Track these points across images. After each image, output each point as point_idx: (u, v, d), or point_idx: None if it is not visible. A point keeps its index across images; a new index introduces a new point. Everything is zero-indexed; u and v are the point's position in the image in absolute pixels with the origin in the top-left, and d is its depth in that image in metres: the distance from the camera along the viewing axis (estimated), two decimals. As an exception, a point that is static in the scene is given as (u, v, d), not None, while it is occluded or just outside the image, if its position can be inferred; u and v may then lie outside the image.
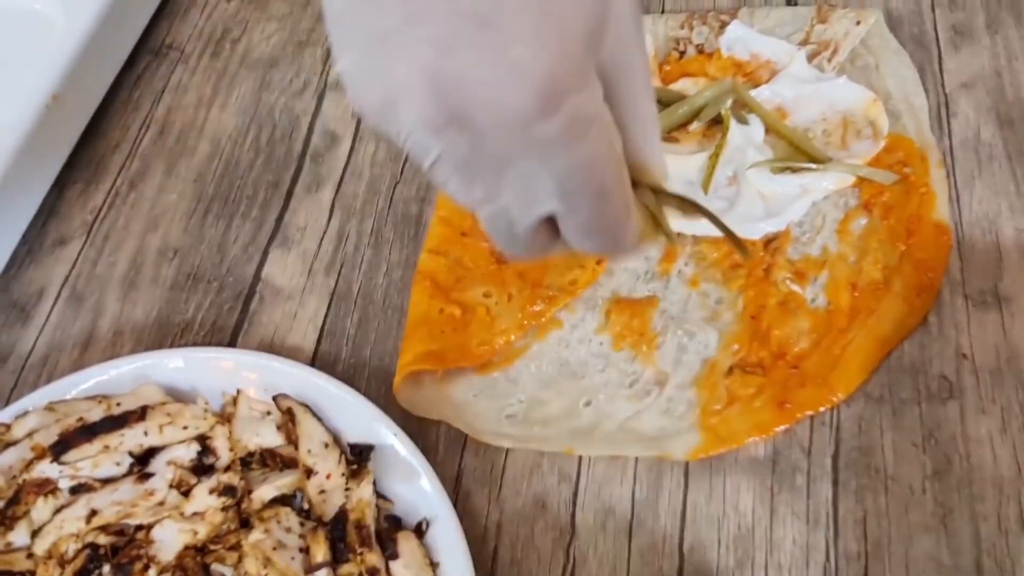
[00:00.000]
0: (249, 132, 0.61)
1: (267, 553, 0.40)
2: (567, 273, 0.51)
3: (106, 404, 0.46)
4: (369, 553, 0.41)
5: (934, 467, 0.45)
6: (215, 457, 0.45)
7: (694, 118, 0.55)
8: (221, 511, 0.42)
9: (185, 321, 0.53)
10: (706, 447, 0.46)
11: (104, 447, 0.44)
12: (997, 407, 0.46)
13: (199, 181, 0.59)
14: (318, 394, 0.46)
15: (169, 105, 0.63)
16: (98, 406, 0.46)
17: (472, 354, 0.49)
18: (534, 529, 0.45)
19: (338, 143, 0.60)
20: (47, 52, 0.58)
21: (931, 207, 0.52)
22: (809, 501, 0.44)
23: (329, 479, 0.44)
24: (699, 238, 0.52)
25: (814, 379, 0.47)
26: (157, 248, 0.56)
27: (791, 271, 0.50)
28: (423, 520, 0.43)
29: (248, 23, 0.67)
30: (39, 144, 0.56)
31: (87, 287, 0.55)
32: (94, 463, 0.44)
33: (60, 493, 0.43)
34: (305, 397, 0.46)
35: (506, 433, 0.47)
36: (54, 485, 0.43)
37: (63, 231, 0.57)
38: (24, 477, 0.43)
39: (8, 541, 0.42)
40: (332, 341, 0.52)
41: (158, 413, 0.45)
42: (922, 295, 0.49)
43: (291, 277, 0.54)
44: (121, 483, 0.43)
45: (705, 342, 0.49)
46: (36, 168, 0.57)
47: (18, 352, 0.53)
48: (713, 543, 0.44)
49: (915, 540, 0.43)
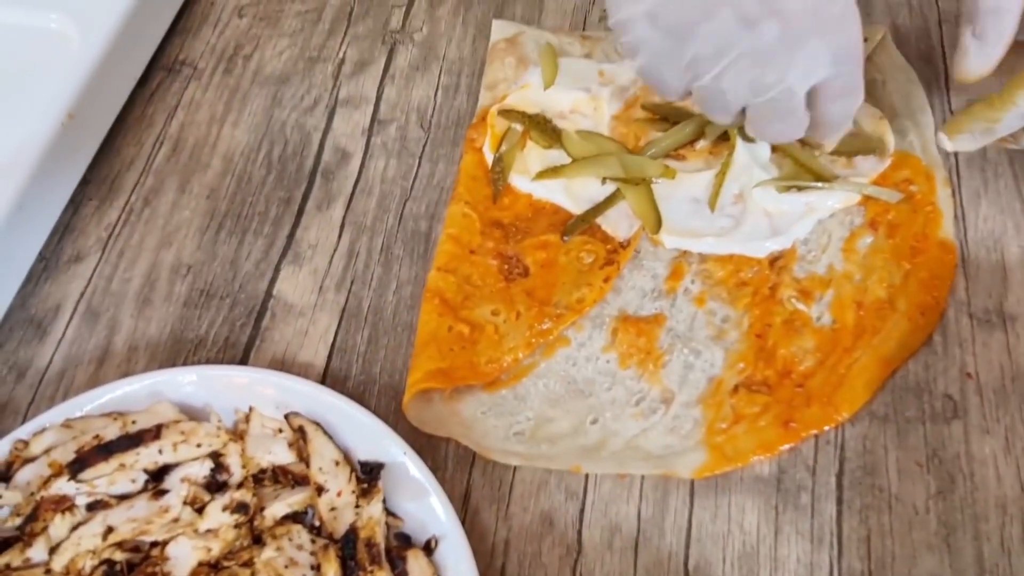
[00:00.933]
0: (261, 148, 0.62)
1: (279, 571, 0.41)
2: (574, 291, 0.51)
3: (122, 421, 0.46)
4: (379, 571, 0.42)
5: (938, 486, 0.45)
6: (228, 474, 0.46)
7: (700, 136, 0.56)
8: (234, 528, 0.43)
9: (198, 337, 0.54)
10: (711, 465, 0.46)
11: (120, 465, 0.45)
12: (1001, 427, 0.46)
13: (212, 198, 0.60)
14: (329, 412, 0.47)
15: (182, 122, 0.64)
16: (114, 423, 0.46)
17: (480, 372, 0.49)
18: (541, 546, 0.46)
19: (348, 160, 0.61)
20: (62, 70, 0.59)
21: (937, 225, 0.52)
22: (813, 520, 0.45)
23: (340, 496, 0.44)
24: (706, 256, 0.53)
25: (819, 398, 0.47)
26: (171, 264, 0.57)
27: (796, 290, 0.51)
28: (432, 538, 0.44)
29: (260, 39, 0.67)
30: (55, 162, 0.57)
31: (102, 303, 0.56)
32: (110, 480, 0.44)
33: (77, 510, 0.44)
34: (316, 415, 0.47)
35: (514, 451, 0.48)
36: (71, 502, 0.44)
37: (79, 247, 0.58)
38: (42, 494, 0.44)
39: (27, 557, 0.43)
40: (343, 358, 0.52)
41: (172, 431, 0.46)
42: (927, 314, 0.49)
43: (302, 294, 0.55)
44: (136, 500, 0.44)
45: (711, 360, 0.49)
46: (52, 185, 0.57)
47: (35, 367, 0.54)
48: (718, 561, 0.44)
49: (918, 559, 0.43)
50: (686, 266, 0.53)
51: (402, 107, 0.63)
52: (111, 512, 0.44)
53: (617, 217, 0.54)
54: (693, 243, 0.53)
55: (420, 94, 0.63)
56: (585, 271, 0.52)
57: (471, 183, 0.56)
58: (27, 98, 0.60)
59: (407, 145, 0.61)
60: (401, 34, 0.66)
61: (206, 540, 0.43)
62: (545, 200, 0.55)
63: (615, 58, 0.61)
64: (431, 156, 0.60)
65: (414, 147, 0.61)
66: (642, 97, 0.58)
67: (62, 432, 0.46)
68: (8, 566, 0.42)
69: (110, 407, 0.48)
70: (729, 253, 0.52)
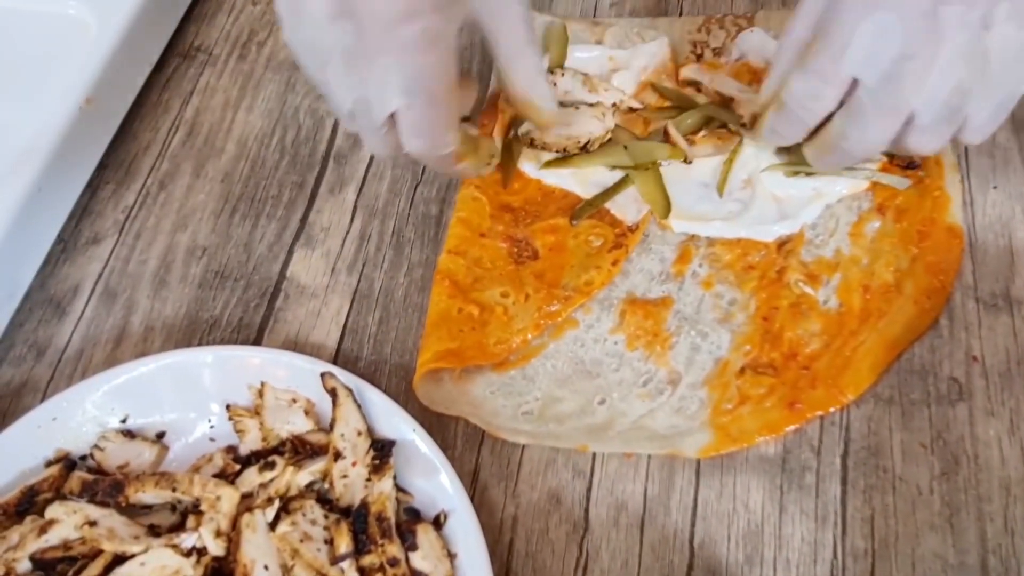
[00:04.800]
0: (275, 133, 0.63)
1: (295, 545, 0.42)
2: (583, 274, 0.52)
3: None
4: (389, 544, 0.43)
5: (942, 468, 0.45)
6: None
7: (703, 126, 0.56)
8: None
9: (213, 318, 0.55)
10: (717, 445, 0.47)
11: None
12: (1006, 409, 0.47)
13: (226, 181, 0.61)
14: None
15: (197, 107, 0.65)
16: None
17: (490, 352, 0.50)
18: (549, 523, 0.46)
19: (360, 145, 0.61)
20: (80, 56, 0.60)
21: (945, 210, 0.52)
22: (818, 499, 0.45)
23: (354, 467, 0.45)
24: (714, 240, 0.53)
25: (824, 380, 0.48)
26: (186, 247, 0.58)
27: (804, 273, 0.51)
28: (441, 513, 0.44)
29: (274, 25, 0.68)
30: (73, 146, 0.58)
31: (119, 284, 0.57)
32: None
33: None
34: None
35: (522, 430, 0.48)
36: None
37: (96, 230, 0.59)
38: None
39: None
40: (354, 339, 0.53)
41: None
42: (933, 298, 0.50)
43: (315, 276, 0.56)
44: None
45: (718, 343, 0.50)
46: (70, 169, 0.59)
47: (55, 346, 0.55)
48: (723, 539, 0.45)
49: (922, 539, 0.44)
50: (694, 249, 0.53)
51: (414, 93, 0.63)
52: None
53: (625, 201, 0.55)
54: (701, 227, 0.53)
55: (432, 80, 0.64)
56: (594, 254, 0.53)
57: (481, 167, 0.57)
58: (46, 83, 0.61)
59: (418, 130, 0.61)
60: (413, 20, 0.67)
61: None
62: (555, 185, 0.56)
63: (627, 44, 0.61)
64: (442, 141, 0.60)
65: (425, 132, 0.61)
66: (654, 79, 0.58)
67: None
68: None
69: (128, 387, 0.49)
70: (737, 237, 0.53)
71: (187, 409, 0.49)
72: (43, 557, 0.43)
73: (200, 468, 0.47)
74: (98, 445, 0.48)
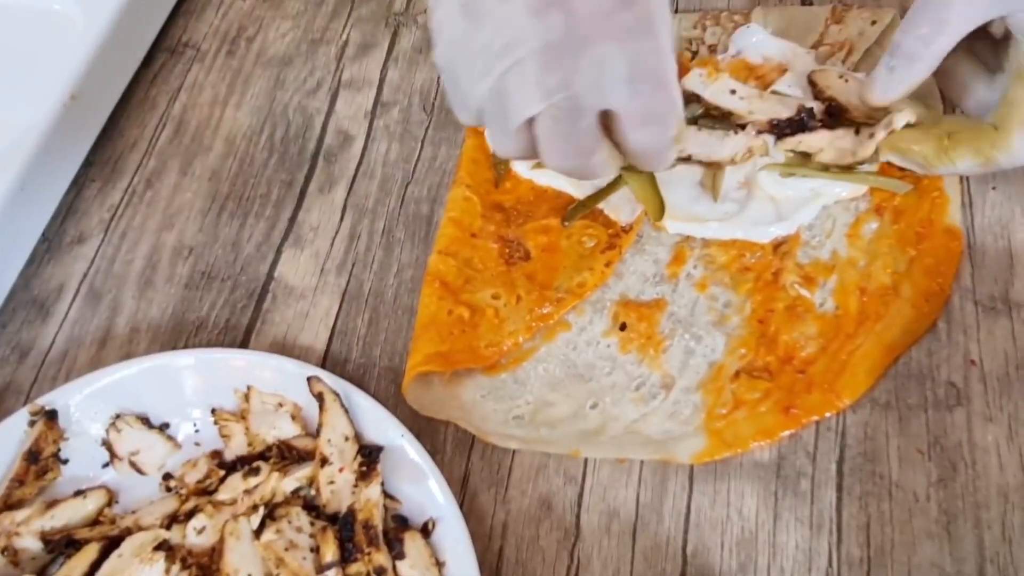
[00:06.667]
0: (263, 131, 0.62)
1: (280, 553, 0.41)
2: (576, 276, 0.51)
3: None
4: (376, 553, 0.42)
5: (939, 474, 0.45)
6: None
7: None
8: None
9: (200, 319, 0.54)
10: (711, 451, 0.46)
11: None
12: (1004, 415, 0.46)
13: (214, 180, 0.60)
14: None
15: (185, 104, 0.64)
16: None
17: (480, 355, 0.49)
18: (539, 530, 0.46)
19: (351, 142, 0.60)
20: (65, 51, 0.59)
21: (943, 212, 0.51)
22: (813, 506, 0.45)
23: (341, 472, 0.44)
24: (708, 241, 0.52)
25: (820, 384, 0.47)
26: (173, 246, 0.57)
27: (800, 275, 0.50)
28: (430, 520, 0.44)
29: (263, 21, 0.67)
30: (58, 143, 0.57)
31: (104, 284, 0.56)
32: None
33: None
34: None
35: (513, 434, 0.48)
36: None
37: (81, 229, 0.59)
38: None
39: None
40: (343, 341, 0.52)
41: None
42: (931, 300, 0.49)
43: (303, 276, 0.55)
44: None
45: (712, 346, 0.49)
46: (55, 166, 0.58)
47: (38, 348, 0.54)
48: (716, 547, 0.44)
49: (918, 546, 0.43)
50: (688, 251, 0.52)
51: (405, 90, 0.62)
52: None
53: (619, 201, 0.54)
54: (696, 228, 0.52)
55: (423, 77, 0.63)
56: (586, 255, 0.52)
57: (473, 167, 0.56)
58: (30, 79, 0.60)
59: (409, 128, 0.60)
60: (405, 16, 0.66)
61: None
62: (547, 184, 0.55)
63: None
64: (433, 139, 0.60)
65: (416, 130, 0.60)
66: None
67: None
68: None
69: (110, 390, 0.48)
70: (732, 238, 0.52)
71: (172, 413, 0.49)
72: (51, 538, 0.43)
73: (184, 475, 0.46)
74: (116, 425, 0.47)
